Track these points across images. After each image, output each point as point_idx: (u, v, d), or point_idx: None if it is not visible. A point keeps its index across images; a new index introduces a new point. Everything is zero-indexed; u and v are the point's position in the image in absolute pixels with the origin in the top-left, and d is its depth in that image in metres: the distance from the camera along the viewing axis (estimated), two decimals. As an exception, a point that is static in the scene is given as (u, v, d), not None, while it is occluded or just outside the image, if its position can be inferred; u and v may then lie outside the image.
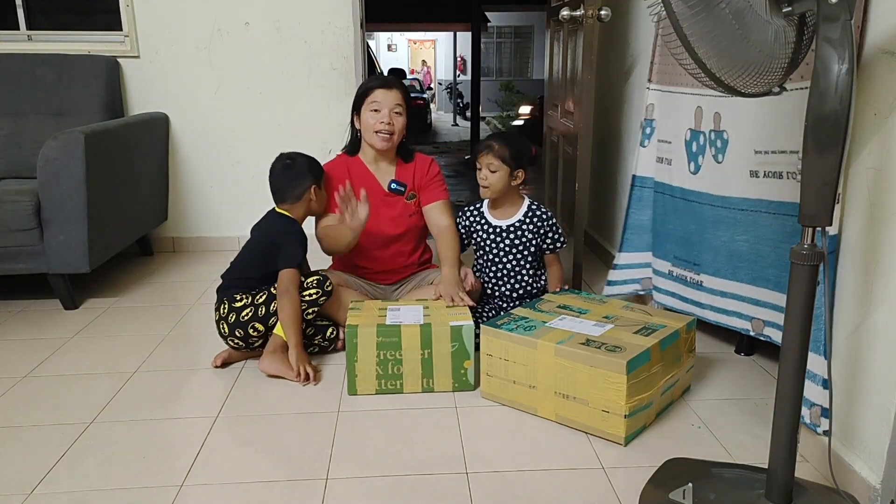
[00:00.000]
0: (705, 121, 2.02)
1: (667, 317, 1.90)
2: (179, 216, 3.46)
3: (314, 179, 2.20)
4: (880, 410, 1.35)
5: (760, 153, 1.85)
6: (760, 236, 1.91)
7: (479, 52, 8.89)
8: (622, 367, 1.60)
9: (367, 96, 2.24)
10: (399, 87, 2.26)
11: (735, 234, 1.97)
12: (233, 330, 2.06)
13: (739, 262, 1.98)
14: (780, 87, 1.29)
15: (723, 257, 2.03)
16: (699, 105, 2.04)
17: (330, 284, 2.09)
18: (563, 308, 1.97)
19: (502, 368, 1.82)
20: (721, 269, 2.04)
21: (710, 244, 2.06)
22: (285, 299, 2.01)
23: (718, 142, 1.97)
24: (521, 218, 2.27)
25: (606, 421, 1.65)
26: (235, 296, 2.08)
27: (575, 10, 2.52)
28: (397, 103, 2.23)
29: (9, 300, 2.72)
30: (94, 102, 3.09)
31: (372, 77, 2.34)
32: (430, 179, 2.36)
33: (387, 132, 2.22)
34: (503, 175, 2.21)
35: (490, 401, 1.88)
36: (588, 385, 1.66)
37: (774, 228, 1.86)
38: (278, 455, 1.64)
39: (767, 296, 1.92)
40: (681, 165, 2.13)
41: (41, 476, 1.55)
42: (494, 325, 1.85)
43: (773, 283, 1.90)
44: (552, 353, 1.71)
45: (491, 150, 2.20)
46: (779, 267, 1.88)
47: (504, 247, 2.28)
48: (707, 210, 2.05)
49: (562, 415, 1.74)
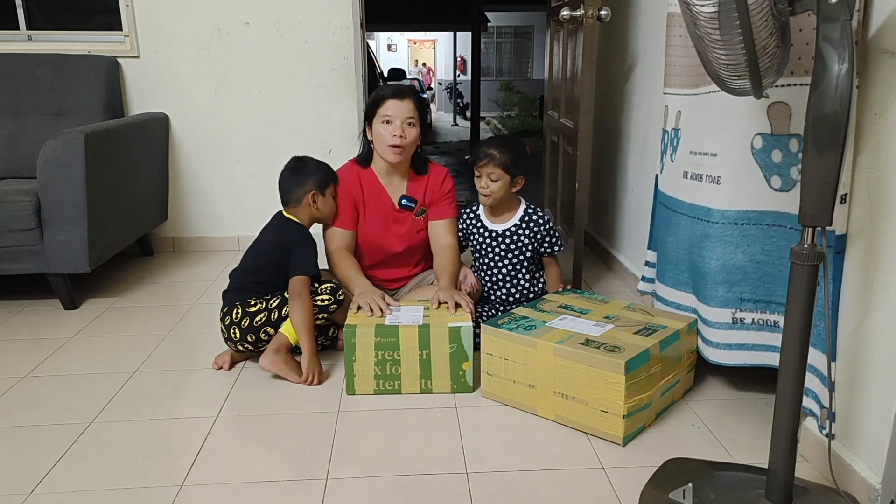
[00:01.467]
0: (670, 119, 1.98)
1: (669, 317, 1.90)
2: (179, 216, 3.46)
3: (316, 185, 2.17)
4: (880, 410, 1.35)
5: (693, 154, 1.81)
6: (680, 239, 1.88)
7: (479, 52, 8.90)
8: (620, 367, 1.60)
9: (379, 107, 2.16)
10: (412, 97, 2.18)
11: (667, 234, 1.95)
12: (245, 335, 2.04)
13: (667, 264, 1.96)
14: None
15: (662, 258, 2.01)
16: (667, 104, 2.01)
17: (342, 294, 2.08)
18: (564, 308, 1.97)
19: (502, 368, 1.82)
20: (661, 271, 2.02)
21: (659, 244, 2.05)
22: (297, 304, 2.00)
23: (675, 140, 1.93)
24: (518, 222, 2.25)
25: (605, 421, 1.65)
26: (249, 300, 2.05)
27: (575, 10, 2.52)
28: (410, 115, 2.15)
29: (9, 300, 2.72)
30: (94, 102, 3.09)
31: (385, 85, 2.28)
32: (441, 195, 2.29)
33: (399, 145, 2.15)
34: (504, 184, 2.18)
35: (490, 400, 1.88)
36: (587, 385, 1.66)
37: (689, 232, 1.83)
38: (278, 455, 1.64)
39: (687, 300, 1.90)
40: (656, 164, 2.12)
41: (41, 476, 1.55)
42: (495, 324, 1.85)
43: (691, 287, 1.87)
44: (551, 352, 1.71)
45: (492, 159, 2.15)
46: (692, 271, 1.85)
47: (500, 251, 2.26)
48: (660, 209, 2.05)
49: (561, 415, 1.74)
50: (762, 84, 1.23)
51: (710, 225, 1.75)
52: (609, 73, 3.13)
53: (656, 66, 2.39)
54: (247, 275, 2.12)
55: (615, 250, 3.10)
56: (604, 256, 3.22)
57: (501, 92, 16.68)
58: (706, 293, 1.79)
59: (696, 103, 1.82)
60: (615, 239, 3.12)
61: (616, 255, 3.06)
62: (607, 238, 3.23)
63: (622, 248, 3.02)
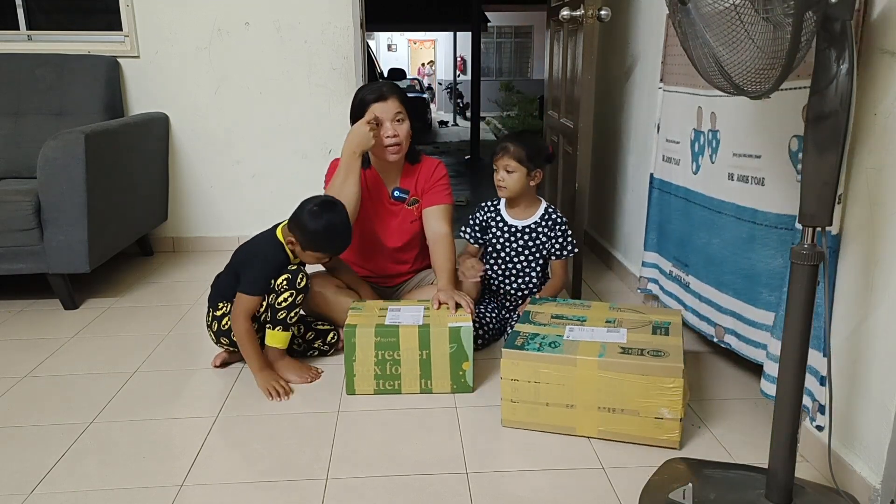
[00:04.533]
0: (704, 121, 2.00)
1: (659, 313, 1.91)
2: (179, 216, 3.46)
3: (307, 243, 1.95)
4: (880, 410, 1.35)
5: (737, 156, 1.83)
6: (726, 241, 1.88)
7: (479, 52, 8.87)
8: (679, 372, 1.58)
9: (365, 111, 2.15)
10: (395, 94, 2.18)
11: (711, 236, 1.95)
12: (218, 337, 2.06)
13: (710, 265, 1.97)
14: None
15: (701, 259, 2.01)
16: (699, 105, 2.03)
17: (303, 279, 1.94)
18: (558, 318, 1.88)
19: (532, 392, 1.69)
20: (700, 272, 2.03)
21: (695, 245, 2.05)
22: (235, 326, 1.94)
23: (714, 142, 1.95)
24: (538, 220, 2.27)
25: (660, 428, 1.62)
26: (219, 303, 2.04)
27: (575, 10, 2.51)
28: (397, 111, 2.16)
29: (9, 300, 2.72)
30: (94, 102, 3.09)
31: (365, 87, 2.26)
32: (434, 182, 2.29)
33: (395, 143, 2.17)
34: (520, 176, 2.19)
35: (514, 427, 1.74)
36: (638, 394, 1.62)
37: (736, 234, 1.84)
38: (278, 455, 1.63)
39: (728, 302, 1.90)
40: (686, 165, 2.12)
41: (41, 476, 1.55)
42: (516, 347, 1.71)
43: (732, 290, 1.88)
44: (595, 367, 1.63)
45: (507, 151, 2.18)
46: (736, 273, 1.85)
47: (517, 247, 2.28)
48: (698, 210, 2.04)
49: (606, 429, 1.67)
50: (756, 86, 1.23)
51: (756, 227, 1.75)
52: (609, 73, 3.13)
53: (656, 66, 2.38)
54: (221, 277, 2.10)
55: (615, 250, 3.10)
56: (604, 256, 3.22)
57: (501, 92, 16.66)
58: (752, 295, 1.79)
59: (733, 105, 1.82)
60: (615, 239, 3.12)
61: (616, 255, 3.06)
62: (607, 238, 3.23)
63: (622, 248, 3.02)
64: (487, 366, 2.06)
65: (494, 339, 2.26)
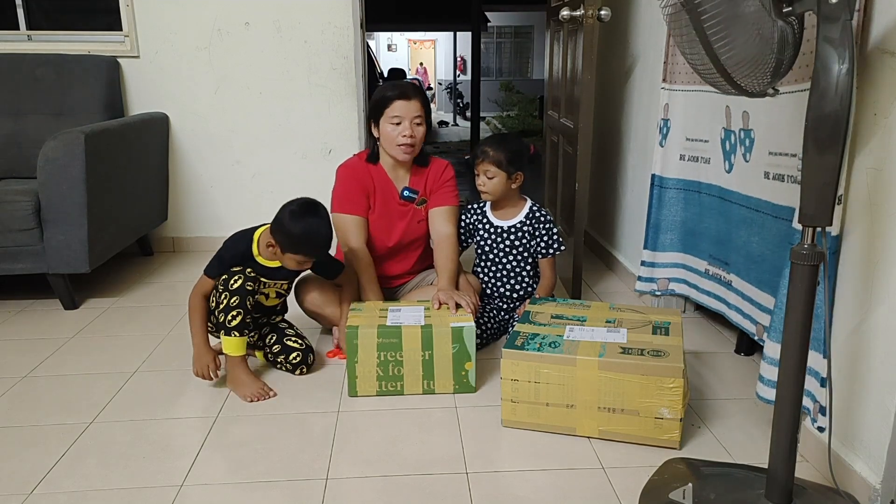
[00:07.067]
0: (734, 119, 2.00)
1: (659, 313, 1.91)
2: (179, 216, 3.46)
3: (286, 245, 1.91)
4: (880, 410, 1.35)
5: (773, 154, 1.83)
6: (765, 238, 1.90)
7: (479, 52, 8.89)
8: (679, 372, 1.58)
9: (387, 107, 2.17)
10: (418, 97, 2.20)
11: (751, 234, 1.96)
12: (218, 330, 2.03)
13: (751, 263, 1.97)
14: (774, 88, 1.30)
15: (742, 258, 2.02)
16: (727, 104, 2.01)
17: (238, 280, 1.90)
18: (559, 318, 1.89)
19: (532, 392, 1.70)
20: (742, 270, 2.03)
21: (735, 243, 2.05)
22: (189, 301, 2.00)
23: (747, 140, 1.95)
24: (523, 219, 2.28)
25: (660, 428, 1.62)
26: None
27: (575, 10, 2.51)
28: (417, 114, 2.18)
29: (9, 300, 2.72)
30: (94, 102, 3.09)
31: (389, 85, 2.27)
32: (442, 183, 2.31)
33: (409, 144, 2.18)
34: (501, 180, 2.20)
35: (515, 428, 1.74)
36: (639, 394, 1.62)
37: (774, 232, 1.85)
38: (278, 455, 1.63)
39: (768, 301, 1.91)
40: (717, 164, 2.11)
41: (41, 476, 1.55)
42: (516, 347, 1.71)
43: (770, 288, 1.89)
44: (595, 367, 1.64)
45: (486, 156, 2.19)
46: (774, 272, 1.86)
47: (504, 247, 2.29)
48: (735, 209, 2.03)
49: (606, 430, 1.67)
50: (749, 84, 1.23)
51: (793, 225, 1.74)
52: (609, 73, 3.13)
53: (656, 65, 2.39)
54: None
55: (615, 250, 3.10)
56: (604, 256, 3.22)
57: (501, 92, 16.67)
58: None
59: (767, 104, 1.80)
60: (615, 239, 3.12)
61: (616, 255, 3.06)
62: (607, 238, 3.23)
63: (622, 247, 3.02)
64: (488, 366, 2.06)
65: (493, 340, 2.27)
